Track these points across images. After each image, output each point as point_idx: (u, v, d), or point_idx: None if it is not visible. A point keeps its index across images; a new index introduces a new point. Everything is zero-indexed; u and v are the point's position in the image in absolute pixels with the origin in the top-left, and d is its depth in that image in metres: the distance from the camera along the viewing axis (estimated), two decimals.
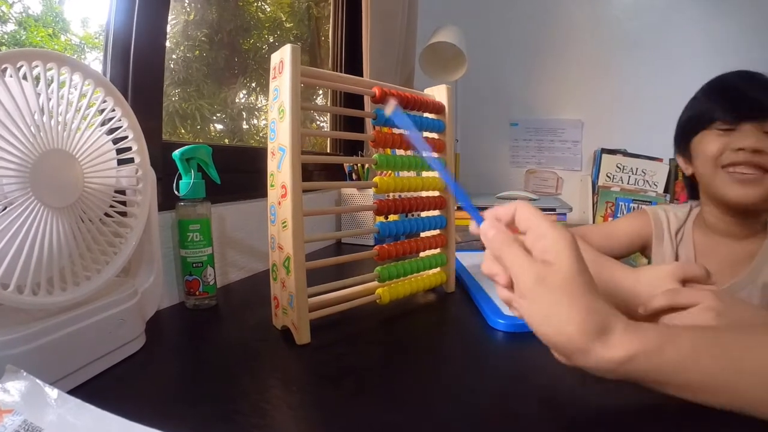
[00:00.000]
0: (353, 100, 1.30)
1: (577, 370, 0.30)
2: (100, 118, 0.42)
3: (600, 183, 1.52)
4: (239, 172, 0.79)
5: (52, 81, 0.37)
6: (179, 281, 0.61)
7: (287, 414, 0.34)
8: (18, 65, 0.35)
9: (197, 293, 0.58)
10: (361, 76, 1.13)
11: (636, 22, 1.52)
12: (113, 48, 0.58)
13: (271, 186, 0.49)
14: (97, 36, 0.72)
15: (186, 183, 0.57)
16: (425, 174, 0.65)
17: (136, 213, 0.47)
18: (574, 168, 1.66)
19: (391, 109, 0.44)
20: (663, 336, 0.29)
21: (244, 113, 1.24)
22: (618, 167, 1.52)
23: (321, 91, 1.42)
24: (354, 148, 1.33)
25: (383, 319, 0.55)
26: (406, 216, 0.85)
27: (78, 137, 0.39)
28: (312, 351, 0.46)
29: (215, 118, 1.14)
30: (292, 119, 0.44)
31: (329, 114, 1.40)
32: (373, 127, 0.56)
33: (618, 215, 1.48)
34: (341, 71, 1.35)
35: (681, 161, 0.72)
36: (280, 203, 0.47)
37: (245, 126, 1.26)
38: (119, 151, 0.46)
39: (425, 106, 0.62)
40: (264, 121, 1.23)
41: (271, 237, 0.49)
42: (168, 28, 0.66)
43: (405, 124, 0.41)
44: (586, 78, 1.60)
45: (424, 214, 0.65)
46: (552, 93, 1.66)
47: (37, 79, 0.36)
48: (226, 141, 1.20)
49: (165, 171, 0.59)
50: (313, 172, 1.11)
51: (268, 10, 1.32)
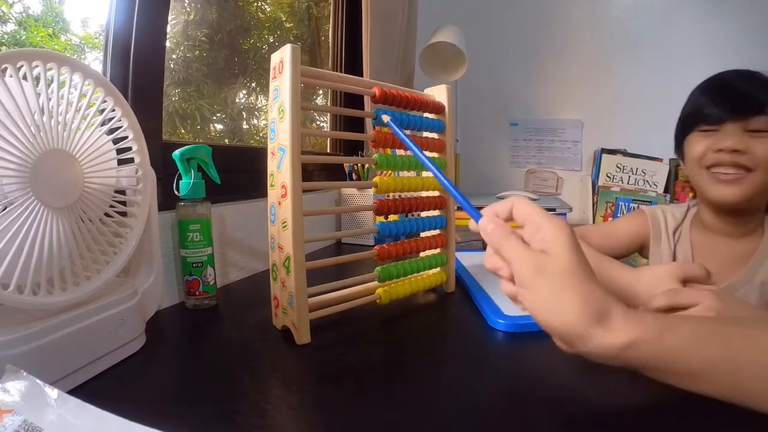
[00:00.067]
0: (353, 100, 1.30)
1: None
2: (100, 118, 0.42)
3: (600, 183, 1.52)
4: (239, 172, 0.79)
5: (52, 81, 0.37)
6: (179, 281, 0.61)
7: (287, 414, 0.34)
8: (18, 65, 0.35)
9: (197, 293, 0.58)
10: (361, 76, 1.13)
11: (636, 22, 1.52)
12: (113, 48, 0.58)
13: (271, 186, 0.49)
14: (97, 36, 0.72)
15: (186, 183, 0.57)
16: (425, 174, 0.65)
17: (136, 213, 0.47)
18: (574, 168, 1.66)
19: (387, 119, 0.48)
20: (663, 323, 0.29)
21: (244, 113, 1.24)
22: (618, 167, 1.52)
23: (321, 91, 1.42)
24: (354, 148, 1.33)
25: (383, 319, 0.55)
26: (406, 216, 0.85)
27: (78, 137, 0.39)
28: (312, 351, 0.46)
29: (215, 118, 1.14)
30: (292, 119, 0.44)
31: (329, 114, 1.41)
32: (373, 127, 0.56)
33: (618, 215, 1.48)
34: (341, 71, 1.35)
35: (680, 161, 0.72)
36: (280, 203, 0.47)
37: (245, 126, 1.26)
38: (119, 151, 0.46)
39: (425, 106, 0.62)
40: (264, 121, 1.23)
41: (271, 237, 0.49)
42: (168, 28, 0.66)
43: (399, 134, 0.44)
44: (586, 78, 1.60)
45: (424, 214, 0.65)
46: (552, 93, 1.66)
47: (37, 79, 0.36)
48: (226, 141, 1.20)
49: (165, 171, 0.59)
50: (313, 172, 1.11)
51: (268, 10, 1.32)
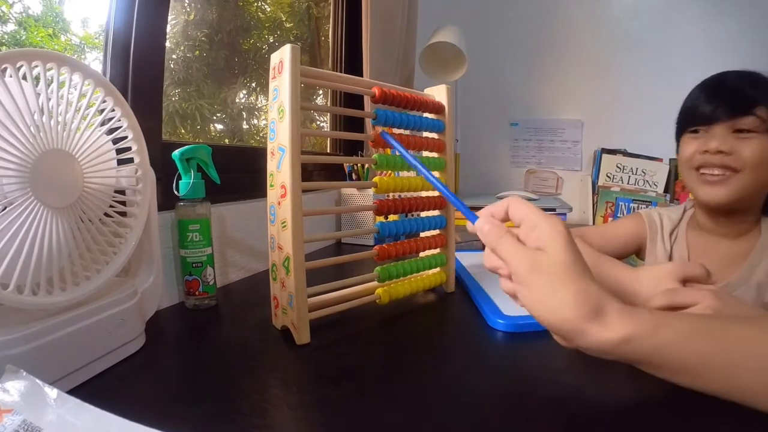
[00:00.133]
0: (353, 100, 1.30)
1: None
2: (99, 118, 0.42)
3: (600, 183, 1.52)
4: (239, 172, 0.79)
5: (51, 81, 0.37)
6: (179, 281, 0.61)
7: (287, 414, 0.34)
8: (18, 65, 0.35)
9: (197, 293, 0.58)
10: (361, 76, 1.13)
11: (636, 22, 1.52)
12: (113, 48, 0.58)
13: (271, 186, 0.49)
14: (97, 36, 0.72)
15: (186, 183, 0.57)
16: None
17: (135, 213, 0.47)
18: (574, 168, 1.66)
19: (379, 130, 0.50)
20: (658, 319, 0.29)
21: (244, 113, 1.24)
22: (618, 167, 1.52)
23: (321, 91, 1.42)
24: (354, 148, 1.33)
25: (383, 319, 0.55)
26: (405, 216, 0.86)
27: (78, 137, 0.39)
28: (312, 351, 0.46)
29: (215, 118, 1.14)
30: (291, 119, 0.44)
31: (329, 114, 1.41)
32: (373, 127, 0.56)
33: (618, 215, 1.49)
34: (341, 71, 1.35)
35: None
36: (279, 203, 0.47)
37: (245, 126, 1.26)
38: (119, 151, 0.46)
39: (425, 106, 0.62)
40: (264, 121, 1.23)
41: (271, 237, 0.49)
42: (168, 28, 0.66)
43: (392, 143, 0.46)
44: (586, 78, 1.60)
45: (423, 214, 0.65)
46: (552, 93, 1.66)
47: (37, 79, 0.36)
48: (226, 141, 1.20)
49: (165, 171, 0.59)
50: (313, 172, 1.11)
51: (268, 10, 1.32)
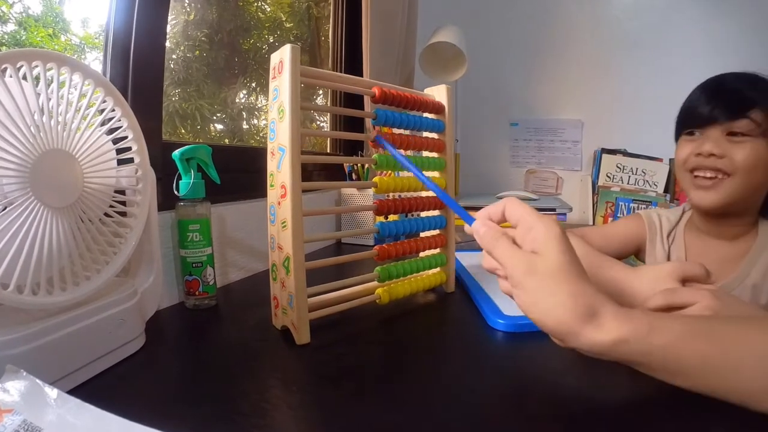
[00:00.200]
0: (353, 100, 1.30)
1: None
2: (100, 118, 0.42)
3: (600, 183, 1.53)
4: (239, 172, 0.79)
5: (52, 81, 0.37)
6: (179, 281, 0.61)
7: (287, 414, 0.34)
8: (18, 65, 0.35)
9: (197, 293, 0.58)
10: (361, 76, 1.13)
11: (636, 22, 1.52)
12: (113, 48, 0.58)
13: (271, 186, 0.49)
14: (97, 36, 0.72)
15: (186, 183, 0.57)
16: (425, 174, 0.65)
17: (135, 213, 0.47)
18: (574, 168, 1.66)
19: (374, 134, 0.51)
20: (653, 321, 0.30)
21: (244, 113, 1.24)
22: (618, 167, 1.52)
23: (321, 91, 1.42)
24: (354, 148, 1.33)
25: (383, 319, 0.55)
26: (405, 216, 0.85)
27: (78, 137, 0.39)
28: (312, 351, 0.46)
29: (215, 118, 1.14)
30: (291, 119, 0.44)
31: (329, 114, 1.41)
32: (373, 127, 0.56)
33: (618, 215, 1.49)
34: (341, 71, 1.35)
35: None
36: (279, 203, 0.47)
37: (245, 126, 1.26)
38: (119, 151, 0.46)
39: (425, 106, 0.62)
40: (264, 121, 1.23)
41: (271, 237, 0.49)
42: (168, 28, 0.66)
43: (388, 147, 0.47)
44: (586, 78, 1.60)
45: (423, 214, 0.65)
46: (552, 93, 1.66)
47: (37, 79, 0.36)
48: (226, 141, 1.20)
49: (165, 171, 0.59)
50: (313, 172, 1.11)
51: (268, 10, 1.32)
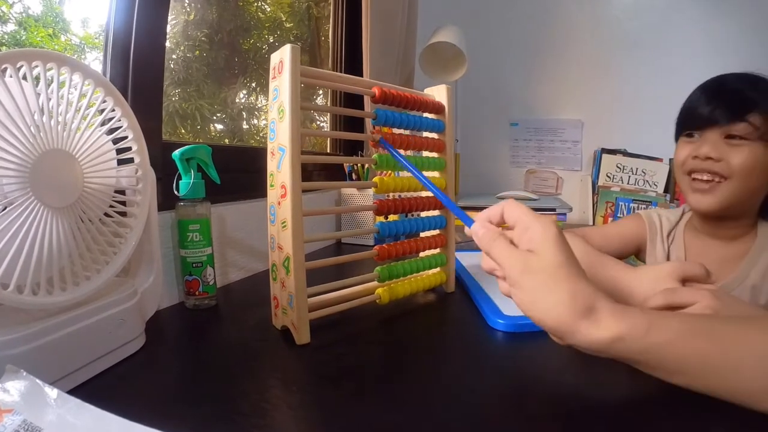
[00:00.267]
0: (353, 100, 1.30)
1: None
2: (100, 118, 0.42)
3: (600, 183, 1.53)
4: (239, 172, 0.79)
5: (52, 81, 0.37)
6: (179, 281, 0.61)
7: (287, 414, 0.34)
8: (18, 65, 0.35)
9: (197, 293, 0.58)
10: (361, 76, 1.13)
11: (636, 22, 1.52)
12: (113, 48, 0.58)
13: (271, 186, 0.49)
14: (97, 36, 0.72)
15: (186, 183, 0.57)
16: (425, 174, 0.65)
17: (135, 213, 0.47)
18: (574, 168, 1.66)
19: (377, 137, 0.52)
20: (651, 319, 0.30)
21: (244, 113, 1.24)
22: (618, 167, 1.52)
23: (321, 91, 1.42)
24: (354, 148, 1.33)
25: (383, 319, 0.55)
26: (406, 216, 0.85)
27: (78, 137, 0.39)
28: (312, 351, 0.46)
29: (215, 118, 1.14)
30: (291, 119, 0.44)
31: (329, 114, 1.41)
32: (373, 127, 0.56)
33: (618, 215, 1.49)
34: (341, 71, 1.35)
35: None
36: (279, 203, 0.47)
37: (245, 126, 1.26)
38: (119, 151, 0.46)
39: (425, 106, 0.62)
40: (264, 121, 1.23)
41: (271, 237, 0.49)
42: (168, 28, 0.66)
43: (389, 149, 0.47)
44: (586, 78, 1.60)
45: (423, 214, 0.65)
46: (552, 93, 1.66)
47: (37, 79, 0.36)
48: (226, 141, 1.20)
49: (165, 171, 0.59)
50: (313, 172, 1.11)
51: (268, 10, 1.32)
